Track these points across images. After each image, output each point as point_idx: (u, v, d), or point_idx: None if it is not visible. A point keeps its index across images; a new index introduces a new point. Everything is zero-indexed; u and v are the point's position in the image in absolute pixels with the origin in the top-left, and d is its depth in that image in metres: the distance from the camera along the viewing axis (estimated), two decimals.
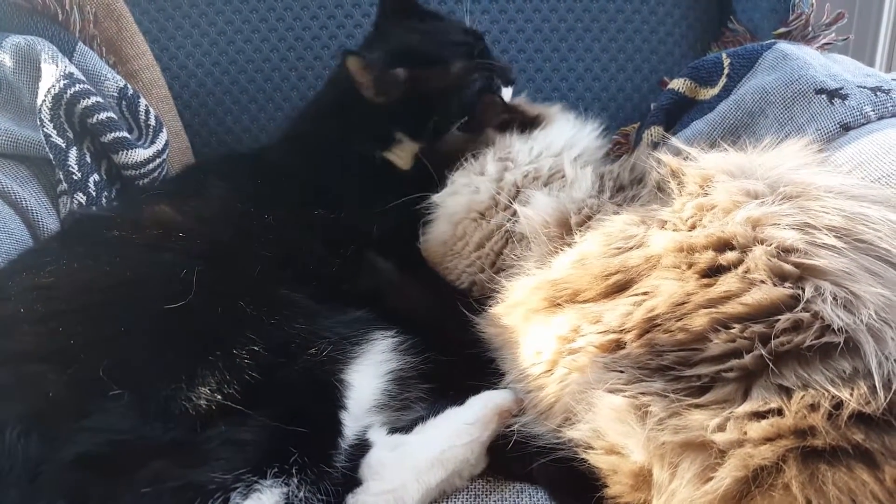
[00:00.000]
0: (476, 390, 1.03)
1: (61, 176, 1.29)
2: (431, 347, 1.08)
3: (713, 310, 0.79)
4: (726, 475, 0.69)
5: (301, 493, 0.80)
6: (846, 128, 1.20)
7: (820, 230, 0.82)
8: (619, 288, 0.90)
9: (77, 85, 1.29)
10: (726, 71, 1.46)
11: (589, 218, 1.06)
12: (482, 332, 1.07)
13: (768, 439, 0.70)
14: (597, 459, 0.82)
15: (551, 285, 0.97)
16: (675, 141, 1.11)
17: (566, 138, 1.36)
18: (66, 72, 1.28)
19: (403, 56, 1.39)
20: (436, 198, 1.33)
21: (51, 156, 1.27)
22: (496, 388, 1.03)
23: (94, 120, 1.30)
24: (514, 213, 1.18)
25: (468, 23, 1.57)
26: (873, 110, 1.21)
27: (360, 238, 1.20)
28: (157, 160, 1.40)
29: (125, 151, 1.33)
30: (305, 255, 1.14)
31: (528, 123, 1.39)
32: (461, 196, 1.30)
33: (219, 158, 1.62)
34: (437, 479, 0.93)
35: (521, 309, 1.00)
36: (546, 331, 0.94)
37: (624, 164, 1.21)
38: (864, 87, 1.25)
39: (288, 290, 1.01)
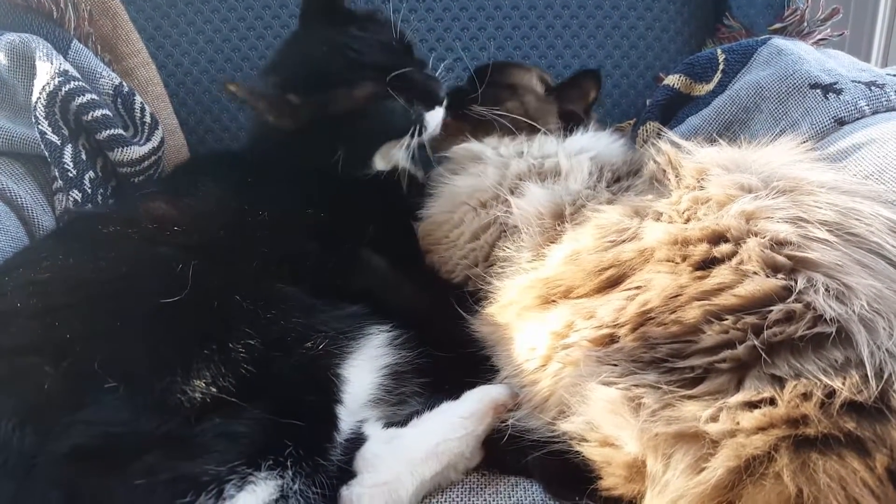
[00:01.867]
0: (471, 385, 1.03)
1: (56, 173, 1.29)
2: (426, 343, 1.09)
3: (706, 302, 0.80)
4: (719, 465, 0.70)
5: (296, 486, 0.80)
6: (841, 122, 1.21)
7: (813, 224, 0.83)
8: (613, 283, 0.91)
9: (72, 82, 1.29)
10: (721, 66, 1.47)
11: (583, 207, 1.06)
12: (476, 332, 1.07)
13: (761, 429, 0.70)
14: (591, 452, 0.83)
15: (544, 283, 0.97)
16: (671, 135, 1.11)
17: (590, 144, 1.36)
18: (61, 69, 1.28)
19: (299, 79, 1.26)
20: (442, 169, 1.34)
21: (46, 153, 1.27)
22: (491, 384, 1.03)
23: (90, 117, 1.30)
24: (509, 206, 1.18)
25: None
26: (868, 105, 1.21)
27: (353, 236, 1.20)
28: (153, 158, 1.40)
29: (120, 149, 1.33)
30: (300, 252, 1.14)
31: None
32: (467, 177, 1.30)
33: (214, 156, 1.63)
34: (431, 472, 0.93)
35: (515, 307, 1.00)
36: (540, 327, 0.95)
37: (625, 158, 1.22)
38: (859, 82, 1.25)
39: (284, 284, 1.02)
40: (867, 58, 2.09)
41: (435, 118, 1.32)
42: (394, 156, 1.34)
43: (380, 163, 1.34)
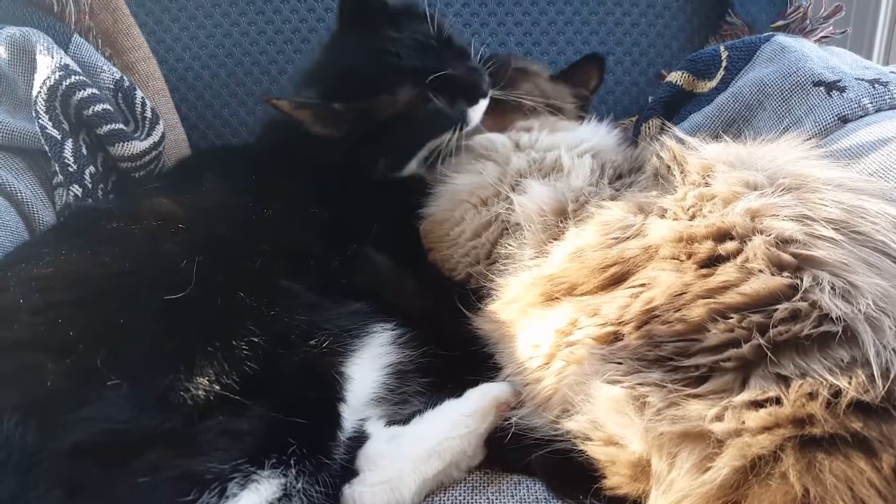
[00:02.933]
0: (474, 383, 1.03)
1: (57, 168, 1.28)
2: (429, 341, 1.08)
3: (711, 300, 0.79)
4: (724, 465, 0.70)
5: (299, 484, 0.80)
6: (844, 120, 1.21)
7: (818, 222, 0.82)
8: (617, 280, 0.90)
9: (73, 76, 1.28)
10: (724, 64, 1.46)
11: (586, 204, 1.05)
12: (479, 329, 1.07)
13: (766, 428, 0.70)
14: (595, 450, 0.82)
15: (548, 280, 0.97)
16: (676, 130, 1.10)
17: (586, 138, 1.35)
18: (62, 63, 1.28)
19: (341, 87, 1.28)
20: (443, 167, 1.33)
21: (46, 148, 1.27)
22: (494, 382, 1.03)
23: (90, 112, 1.29)
24: (511, 203, 1.18)
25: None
26: (871, 102, 1.21)
27: (357, 234, 1.20)
28: (154, 153, 1.39)
29: (121, 144, 1.33)
30: (304, 249, 1.13)
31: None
32: (467, 175, 1.29)
33: (216, 151, 1.62)
34: (434, 470, 0.93)
35: (518, 304, 1.00)
36: (543, 324, 0.94)
37: (627, 154, 1.21)
38: (863, 80, 1.25)
39: (288, 281, 1.01)
40: (869, 55, 2.08)
41: (478, 111, 1.32)
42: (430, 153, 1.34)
43: (415, 164, 1.36)
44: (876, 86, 1.23)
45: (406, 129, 1.29)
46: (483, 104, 1.32)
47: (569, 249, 0.97)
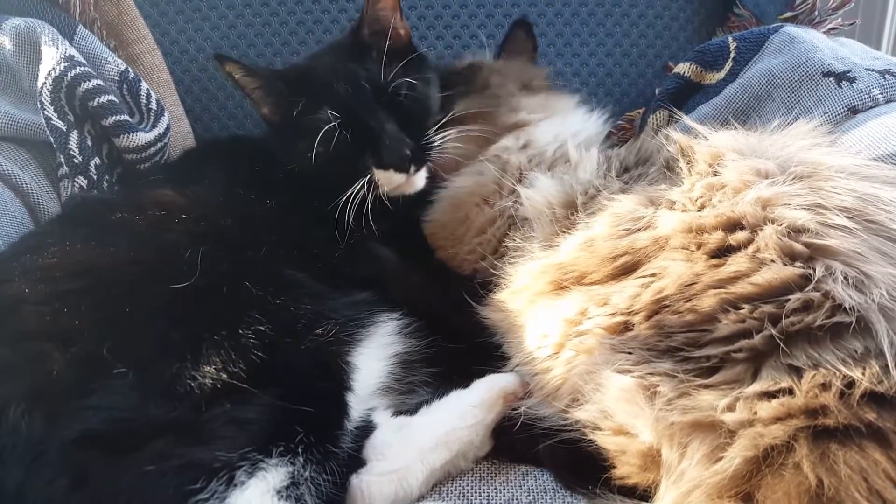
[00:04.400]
0: (481, 374, 1.03)
1: (62, 159, 1.28)
2: (436, 332, 1.08)
3: (722, 290, 0.79)
4: (736, 455, 0.69)
5: (307, 473, 0.79)
6: (854, 111, 1.19)
7: (831, 210, 0.81)
8: (627, 270, 0.90)
9: (78, 68, 1.27)
10: (732, 55, 1.45)
11: (595, 196, 1.05)
12: (486, 319, 1.06)
13: (779, 419, 0.69)
14: (604, 440, 0.82)
15: (557, 269, 0.96)
16: (685, 118, 1.09)
17: (575, 128, 1.35)
18: (67, 54, 1.27)
19: (292, 74, 1.31)
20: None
21: (51, 139, 1.26)
22: (501, 372, 1.02)
23: (95, 103, 1.29)
24: (518, 197, 1.17)
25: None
26: (881, 93, 1.20)
27: (362, 227, 1.19)
28: (159, 144, 1.39)
29: (126, 135, 1.32)
30: (308, 239, 1.13)
31: None
32: (466, 178, 1.28)
33: (220, 143, 1.61)
34: (441, 460, 0.93)
35: (527, 293, 0.99)
36: (552, 314, 0.94)
37: (631, 146, 1.20)
38: (873, 70, 1.24)
39: (293, 270, 1.01)
40: (878, 46, 2.06)
41: (390, 179, 1.21)
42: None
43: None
44: (886, 76, 1.22)
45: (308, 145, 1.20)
46: (398, 177, 1.21)
47: (579, 239, 0.97)
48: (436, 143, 1.26)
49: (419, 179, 1.26)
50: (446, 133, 1.27)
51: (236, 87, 1.31)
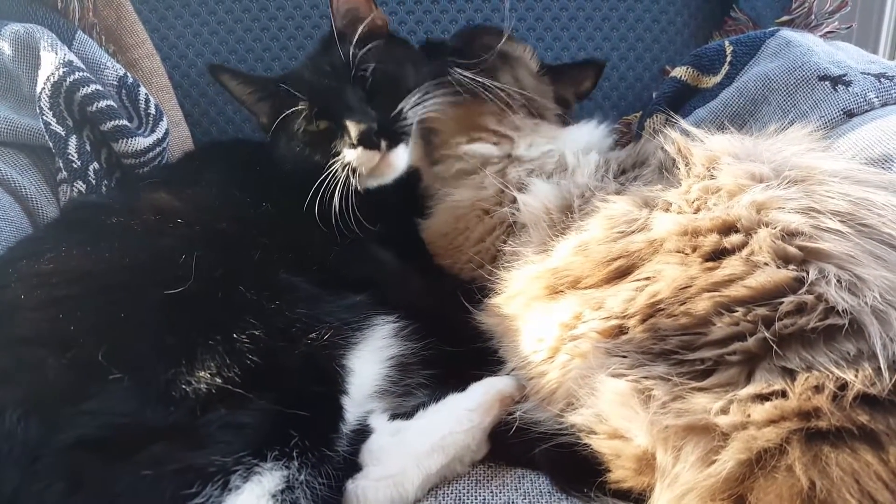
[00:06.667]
0: (477, 377, 1.03)
1: (61, 164, 1.28)
2: (432, 335, 1.08)
3: (716, 293, 0.79)
4: (730, 458, 0.69)
5: (302, 477, 0.79)
6: (850, 114, 1.20)
7: (825, 214, 0.81)
8: (622, 273, 0.90)
9: (76, 73, 1.28)
10: (729, 59, 1.46)
11: (591, 198, 1.05)
12: (482, 323, 1.06)
13: (772, 421, 0.69)
14: (599, 444, 0.82)
15: (552, 273, 0.96)
16: (681, 122, 1.10)
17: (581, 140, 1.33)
18: (66, 59, 1.28)
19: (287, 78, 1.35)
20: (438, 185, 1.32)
21: (50, 144, 1.27)
22: (498, 376, 1.03)
23: (94, 108, 1.29)
24: (517, 204, 1.17)
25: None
26: (877, 97, 1.20)
27: (360, 229, 1.19)
28: (158, 149, 1.39)
29: (125, 140, 1.33)
30: (304, 243, 1.13)
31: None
32: (465, 190, 1.28)
33: (219, 145, 1.62)
34: (437, 464, 0.93)
35: (522, 298, 1.00)
36: (547, 318, 0.94)
37: (631, 149, 1.20)
38: (868, 74, 1.24)
39: (288, 274, 1.01)
40: (875, 50, 2.07)
41: (359, 158, 1.20)
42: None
43: None
44: (882, 80, 1.22)
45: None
46: (369, 155, 1.20)
47: (573, 243, 0.97)
48: (409, 118, 1.25)
49: (397, 159, 1.24)
50: (420, 104, 1.26)
51: (233, 98, 1.35)
